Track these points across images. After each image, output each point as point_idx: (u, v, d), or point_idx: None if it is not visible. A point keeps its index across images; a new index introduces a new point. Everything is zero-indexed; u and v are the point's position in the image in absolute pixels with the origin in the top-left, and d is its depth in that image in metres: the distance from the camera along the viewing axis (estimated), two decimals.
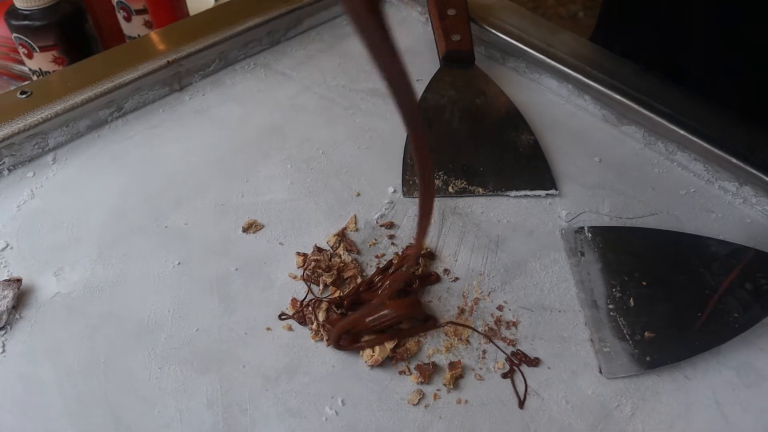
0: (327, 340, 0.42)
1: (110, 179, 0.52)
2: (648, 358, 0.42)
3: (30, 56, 0.68)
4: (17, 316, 0.43)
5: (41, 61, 0.67)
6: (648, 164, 0.56)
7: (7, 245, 0.47)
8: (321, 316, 0.42)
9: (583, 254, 0.48)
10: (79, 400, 0.39)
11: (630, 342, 0.43)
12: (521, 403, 0.40)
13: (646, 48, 0.67)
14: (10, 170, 0.52)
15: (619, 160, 0.56)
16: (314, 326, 0.42)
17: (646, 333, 0.43)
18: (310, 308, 0.43)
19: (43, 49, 0.67)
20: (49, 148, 0.54)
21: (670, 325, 0.44)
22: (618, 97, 0.58)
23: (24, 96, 0.54)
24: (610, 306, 0.45)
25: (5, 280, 0.44)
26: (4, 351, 0.41)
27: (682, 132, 0.55)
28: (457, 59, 0.61)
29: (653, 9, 0.66)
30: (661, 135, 0.56)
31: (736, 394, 0.41)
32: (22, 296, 0.44)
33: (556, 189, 0.53)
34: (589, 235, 0.49)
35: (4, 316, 0.42)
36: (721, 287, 0.45)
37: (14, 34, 0.67)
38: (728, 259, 0.47)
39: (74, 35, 0.67)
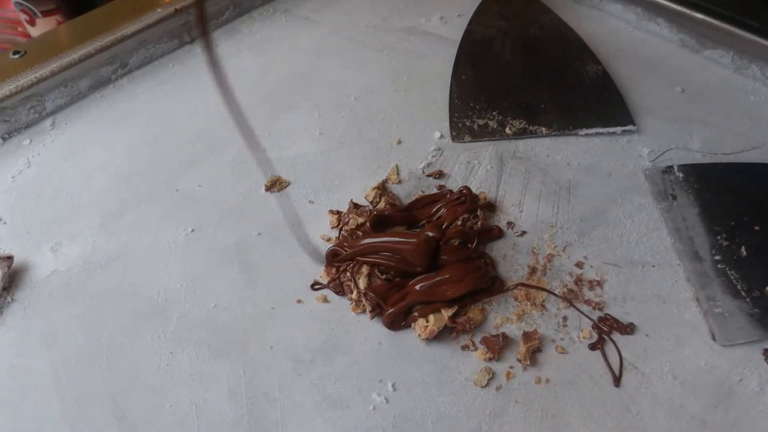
0: (371, 312, 0.34)
1: (115, 142, 0.46)
2: None
3: (32, 23, 0.62)
4: (9, 299, 0.37)
5: (44, 28, 0.61)
6: (741, 91, 0.47)
7: (0, 220, 0.41)
8: (362, 283, 0.35)
9: (674, 197, 0.39)
10: (78, 394, 0.33)
11: (747, 300, 0.34)
12: (617, 380, 0.32)
13: None
14: (4, 138, 0.46)
15: (705, 89, 0.47)
16: (354, 295, 0.35)
17: (766, 288, 0.34)
18: (348, 274, 0.35)
19: (45, 13, 0.61)
20: (47, 112, 0.48)
21: None
22: (699, 16, 0.48)
23: (17, 56, 0.48)
24: (717, 257, 0.36)
25: None
26: None
27: None
28: None
29: None
30: (754, 56, 0.47)
31: None
32: (14, 276, 0.38)
33: (634, 124, 0.44)
34: (681, 174, 0.41)
35: None
36: None
37: (15, 1, 0.61)
38: None
39: (80, 4, 0.61)
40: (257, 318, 0.35)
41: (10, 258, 0.38)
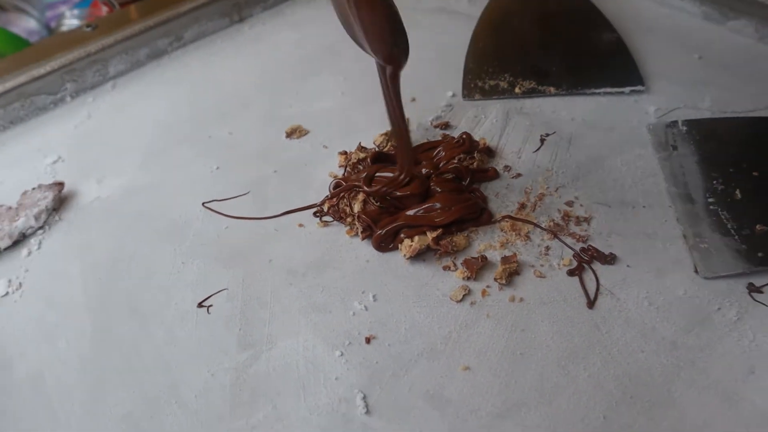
0: (362, 233, 0.37)
1: (162, 101, 0.51)
2: (760, 254, 0.33)
3: (112, 13, 0.70)
4: (57, 217, 0.42)
5: None
6: (762, 59, 0.47)
7: (59, 158, 0.47)
8: (356, 207, 0.38)
9: (675, 148, 0.40)
10: (101, 291, 0.37)
11: (736, 237, 0.34)
12: (591, 303, 0.33)
13: None
14: (72, 96, 0.53)
15: (724, 56, 0.47)
16: (349, 219, 0.38)
17: (757, 226, 0.34)
18: (345, 200, 0.38)
19: (123, 5, 0.69)
20: (110, 75, 0.54)
21: None
22: None
23: (89, 29, 0.55)
24: (710, 200, 0.36)
25: (47, 184, 0.43)
26: (39, 248, 0.40)
27: None
28: None
29: None
30: None
31: None
32: (63, 200, 0.43)
33: (643, 84, 0.45)
34: (684, 128, 0.41)
35: (43, 215, 0.42)
36: None
37: None
38: None
39: None
40: (262, 237, 0.39)
41: (61, 184, 0.43)
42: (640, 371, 0.30)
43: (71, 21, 0.83)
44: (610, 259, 0.35)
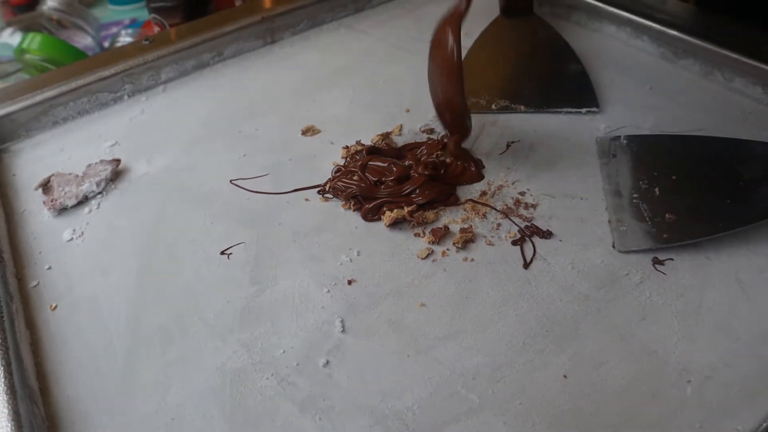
0: (354, 206, 0.47)
1: (203, 102, 0.62)
2: (665, 235, 0.42)
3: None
4: (113, 186, 0.53)
5: None
6: (703, 92, 0.56)
7: (116, 142, 0.58)
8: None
9: (615, 156, 0.49)
10: (144, 241, 0.47)
11: (649, 222, 0.43)
12: (526, 265, 0.42)
13: None
14: (129, 96, 0.64)
15: (671, 88, 0.57)
16: (342, 195, 0.47)
17: (666, 215, 0.43)
18: (342, 180, 0.48)
19: (173, 26, 0.81)
20: (161, 81, 0.65)
21: (693, 208, 0.43)
22: (675, 33, 0.58)
23: (147, 42, 0.66)
24: (635, 195, 0.45)
25: (107, 160, 0.54)
26: (98, 207, 0.51)
27: (739, 57, 0.54)
28: (514, 8, 0.65)
29: None
30: (718, 63, 0.56)
31: (763, 275, 0.40)
32: (118, 173, 0.54)
33: (598, 107, 0.54)
34: (625, 141, 0.50)
35: (103, 183, 0.52)
36: (756, 178, 0.44)
37: (151, 15, 0.82)
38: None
39: (198, 14, 0.81)
40: (276, 206, 0.48)
41: (118, 160, 0.54)
42: (556, 314, 0.39)
43: (125, 39, 0.96)
44: (546, 235, 0.43)
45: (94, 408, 0.36)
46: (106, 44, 1.10)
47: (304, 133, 0.56)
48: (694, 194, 0.44)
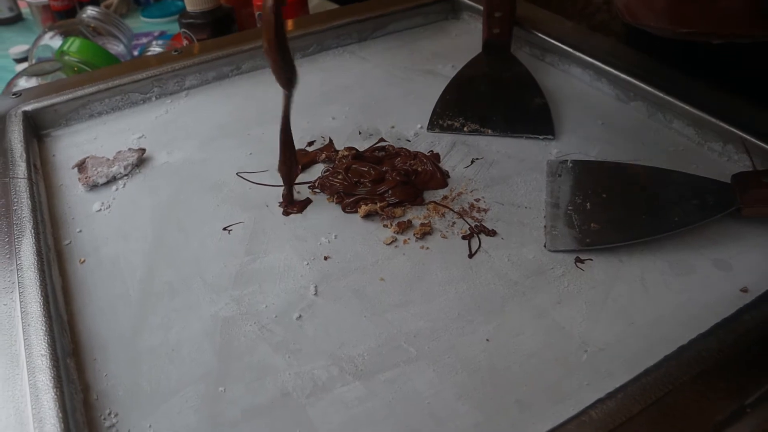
0: (336, 199, 0.56)
1: (220, 108, 0.72)
2: (588, 240, 0.51)
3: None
4: (137, 171, 0.62)
5: None
6: (647, 130, 0.65)
7: (143, 135, 0.68)
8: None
9: (560, 176, 0.58)
10: (160, 217, 0.56)
11: (577, 229, 0.52)
12: (471, 255, 0.51)
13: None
14: (156, 98, 0.74)
15: (620, 125, 0.66)
16: (328, 191, 0.57)
17: (592, 224, 0.52)
18: (329, 179, 0.57)
19: (200, 40, 0.92)
20: (186, 87, 0.76)
21: (614, 221, 0.52)
22: (627, 77, 0.68)
23: (176, 53, 0.77)
24: (569, 208, 0.54)
25: (135, 149, 0.64)
26: (124, 186, 0.60)
27: (678, 102, 0.63)
28: (494, 47, 0.75)
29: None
30: (660, 106, 0.65)
31: (663, 278, 0.49)
32: (143, 161, 0.63)
33: (553, 135, 0.63)
34: (570, 164, 0.59)
35: (129, 168, 0.62)
36: (670, 200, 0.53)
37: (182, 30, 0.93)
38: (684, 184, 0.54)
39: (223, 33, 0.91)
40: (272, 196, 0.58)
41: (143, 150, 0.64)
42: (488, 294, 0.47)
43: (155, 49, 1.07)
44: (492, 233, 0.53)
45: (111, 340, 0.45)
46: (136, 52, 1.21)
47: (309, 144, 0.65)
48: (618, 210, 0.53)
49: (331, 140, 0.65)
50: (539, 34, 0.77)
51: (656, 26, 0.41)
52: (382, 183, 0.56)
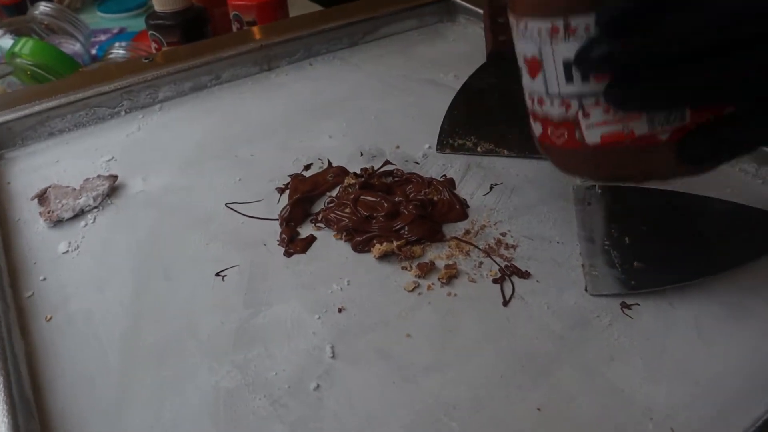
0: (345, 236, 0.49)
1: (199, 124, 0.64)
2: (633, 282, 0.45)
3: (159, 50, 0.84)
4: (109, 201, 0.54)
5: None
6: None
7: (113, 158, 0.59)
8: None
9: (589, 204, 0.53)
10: (140, 259, 0.48)
11: (619, 269, 0.46)
12: (505, 302, 0.45)
13: None
14: (126, 112, 0.66)
15: None
16: (335, 227, 0.50)
17: (635, 263, 0.47)
18: (335, 212, 0.50)
19: (170, 44, 0.83)
20: (159, 99, 0.67)
21: (659, 258, 0.47)
22: None
23: (147, 61, 0.68)
24: (606, 242, 0.49)
25: (105, 175, 0.55)
26: (94, 222, 0.52)
27: None
28: (500, 56, 0.69)
29: None
30: None
31: (719, 324, 0.44)
32: (115, 190, 0.55)
33: None
34: (599, 191, 0.54)
35: (99, 198, 0.53)
36: (717, 233, 0.48)
37: (150, 32, 0.84)
38: (729, 214, 0.50)
39: (195, 35, 0.83)
40: (269, 232, 0.50)
41: (115, 176, 0.56)
42: (532, 351, 0.41)
43: (119, 51, 0.97)
44: (525, 275, 0.47)
45: (89, 422, 0.38)
46: (94, 51, 1.11)
47: (306, 168, 0.58)
48: (660, 245, 0.48)
49: (330, 163, 0.58)
50: None
51: (582, 175, 0.43)
52: (398, 217, 0.50)
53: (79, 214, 0.53)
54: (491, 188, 0.55)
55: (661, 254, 0.47)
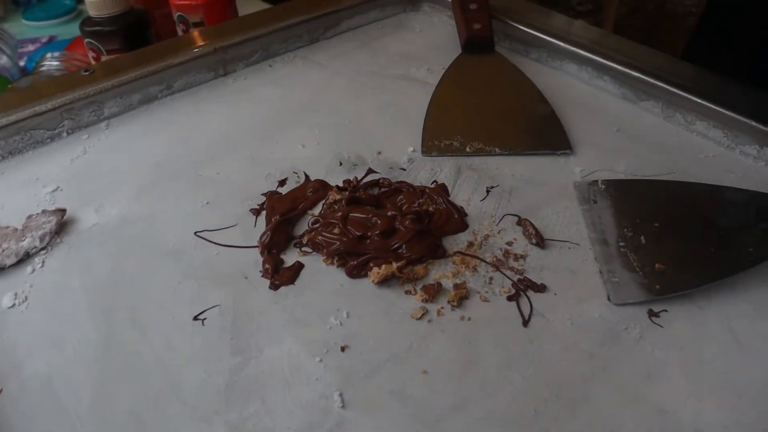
0: (337, 261, 0.44)
1: (153, 142, 0.57)
2: (657, 287, 0.42)
3: (98, 59, 0.76)
4: (58, 240, 0.47)
5: None
6: (666, 134, 0.57)
7: (58, 187, 0.52)
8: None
9: (595, 202, 0.49)
10: (102, 306, 0.42)
11: (639, 273, 0.43)
12: (525, 322, 0.40)
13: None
14: (68, 133, 0.58)
15: (636, 130, 0.57)
16: (325, 250, 0.44)
17: (656, 265, 0.43)
18: (322, 234, 0.45)
19: (109, 52, 0.75)
20: (104, 116, 0.60)
21: (680, 258, 0.43)
22: (636, 74, 0.59)
23: (87, 73, 0.61)
24: (621, 244, 0.45)
25: (51, 210, 0.48)
26: (43, 266, 0.45)
27: (700, 101, 0.56)
28: (477, 45, 0.64)
29: None
30: (679, 106, 0.57)
31: (753, 324, 0.40)
32: (64, 225, 0.48)
33: (570, 149, 0.54)
34: (603, 186, 0.50)
35: (47, 238, 0.46)
36: (735, 226, 0.45)
37: (86, 39, 0.76)
38: (744, 204, 0.47)
39: (137, 41, 0.75)
40: (248, 262, 0.45)
41: (63, 210, 0.48)
42: (563, 375, 0.37)
43: (51, 63, 0.88)
44: (541, 289, 0.42)
45: None
46: (23, 63, 1.01)
47: (281, 184, 0.52)
48: (679, 243, 0.44)
49: (307, 176, 0.52)
50: (522, 27, 0.67)
51: None
52: (394, 234, 0.44)
53: (24, 258, 0.45)
54: (488, 192, 0.50)
55: (680, 253, 0.44)
